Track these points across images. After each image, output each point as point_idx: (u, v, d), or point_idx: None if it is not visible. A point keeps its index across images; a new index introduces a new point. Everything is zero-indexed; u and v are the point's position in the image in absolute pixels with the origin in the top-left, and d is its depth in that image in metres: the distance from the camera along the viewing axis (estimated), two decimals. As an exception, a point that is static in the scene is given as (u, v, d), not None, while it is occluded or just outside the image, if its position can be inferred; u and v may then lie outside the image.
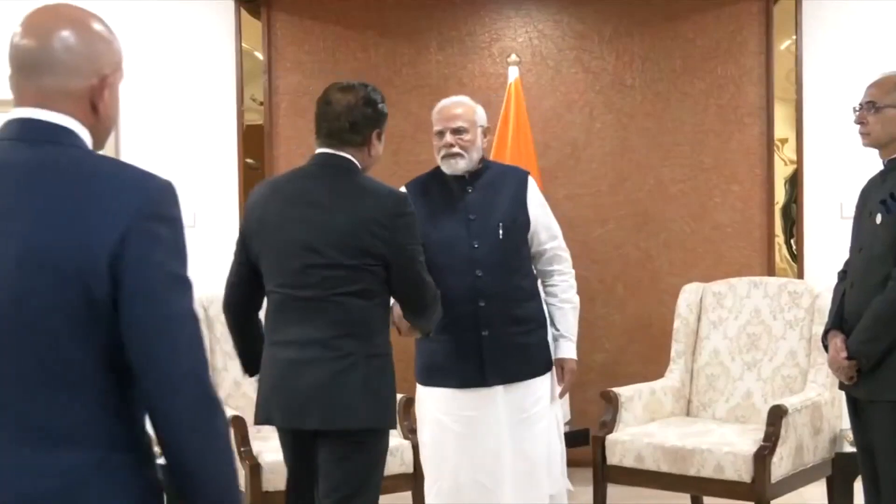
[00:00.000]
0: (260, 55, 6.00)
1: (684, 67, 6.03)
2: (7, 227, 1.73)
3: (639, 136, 6.06)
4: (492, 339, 3.91)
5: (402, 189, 3.83)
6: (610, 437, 4.70)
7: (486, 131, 4.09)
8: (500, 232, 3.94)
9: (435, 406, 4.00)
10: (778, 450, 4.35)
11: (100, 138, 1.88)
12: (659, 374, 5.15)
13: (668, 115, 6.04)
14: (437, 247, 3.87)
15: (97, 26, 1.86)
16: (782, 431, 4.37)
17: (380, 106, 3.38)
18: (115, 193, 1.74)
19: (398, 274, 3.28)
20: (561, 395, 4.13)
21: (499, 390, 3.94)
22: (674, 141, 6.04)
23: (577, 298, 4.15)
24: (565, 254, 4.13)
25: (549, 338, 4.10)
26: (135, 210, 1.73)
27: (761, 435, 4.40)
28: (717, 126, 6.02)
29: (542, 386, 4.04)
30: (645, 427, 4.78)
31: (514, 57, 5.73)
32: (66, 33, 1.81)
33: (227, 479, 1.83)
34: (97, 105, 1.84)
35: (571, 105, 6.09)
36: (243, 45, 5.98)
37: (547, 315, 4.10)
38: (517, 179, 4.07)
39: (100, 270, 1.71)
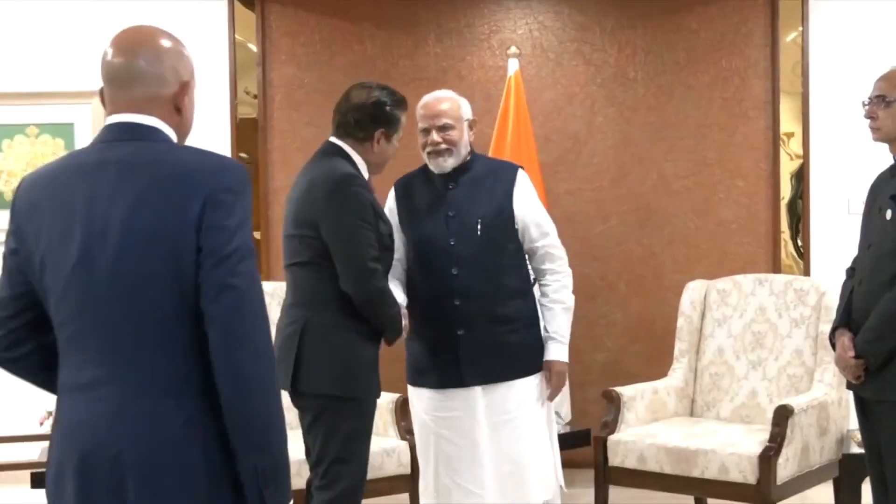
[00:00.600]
0: (254, 47, 6.03)
1: (688, 60, 6.06)
2: (112, 211, 2.11)
3: (641, 130, 6.10)
4: (469, 339, 3.92)
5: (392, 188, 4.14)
6: (612, 438, 4.72)
7: (472, 124, 4.08)
8: (479, 229, 3.94)
9: (420, 406, 4.06)
10: (784, 451, 4.37)
11: (183, 134, 2.28)
12: (662, 373, 5.18)
13: (672, 108, 6.08)
14: (416, 245, 4.00)
15: (172, 41, 2.26)
16: (788, 432, 4.38)
17: (388, 109, 3.70)
18: (198, 174, 2.13)
19: (331, 250, 3.57)
20: (549, 399, 4.09)
21: (478, 391, 3.95)
22: (677, 135, 6.08)
23: (570, 299, 4.11)
24: (558, 251, 4.10)
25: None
26: (213, 185, 2.11)
27: (767, 435, 4.41)
28: (722, 120, 6.05)
29: (529, 387, 4.01)
30: (647, 427, 4.80)
31: (513, 49, 5.75)
32: (148, 50, 2.22)
33: (278, 430, 2.14)
34: (180, 107, 2.25)
35: (572, 98, 6.12)
36: (237, 36, 6.01)
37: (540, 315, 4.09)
38: (505, 174, 4.06)
39: (189, 238, 2.09)
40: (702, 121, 6.06)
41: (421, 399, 4.05)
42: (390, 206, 4.09)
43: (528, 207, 4.05)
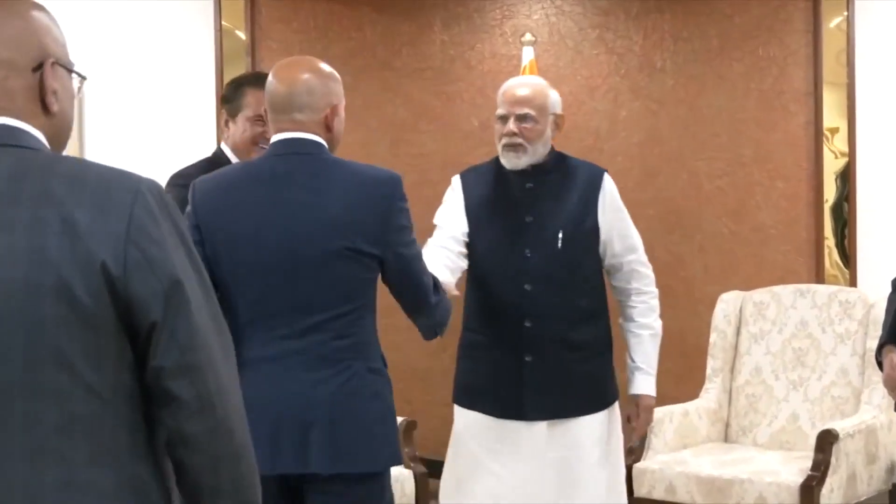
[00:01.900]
0: (242, 34, 6.02)
1: (721, 47, 6.04)
2: (300, 207, 2.92)
3: (670, 125, 6.08)
4: (537, 367, 3.78)
5: (456, 177, 4.01)
6: (638, 466, 4.71)
7: (560, 121, 3.91)
8: (560, 240, 3.80)
9: (468, 432, 3.91)
10: (828, 480, 4.36)
11: (332, 147, 3.05)
12: (693, 394, 5.16)
13: (703, 101, 6.06)
14: (484, 251, 3.84)
15: (325, 71, 3.03)
16: (833, 459, 4.37)
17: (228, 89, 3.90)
18: (381, 182, 3.00)
19: None
20: (637, 438, 3.96)
21: (541, 427, 3.79)
22: (710, 131, 6.06)
23: (658, 324, 4.00)
24: (645, 269, 3.99)
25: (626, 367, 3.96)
26: (389, 195, 2.97)
27: (809, 463, 4.41)
28: (759, 114, 6.03)
29: (597, 425, 3.86)
30: (677, 454, 4.79)
31: (528, 36, 5.75)
32: (306, 78, 3.00)
33: None
34: (330, 126, 3.02)
35: (594, 91, 6.11)
36: (223, 23, 6.00)
37: (612, 340, 3.95)
38: (589, 178, 3.92)
39: (375, 229, 2.94)
40: (736, 115, 6.04)
41: (470, 424, 3.90)
42: (454, 196, 3.94)
43: (616, 217, 3.93)
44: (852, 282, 5.88)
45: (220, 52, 6.00)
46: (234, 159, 3.70)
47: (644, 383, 3.93)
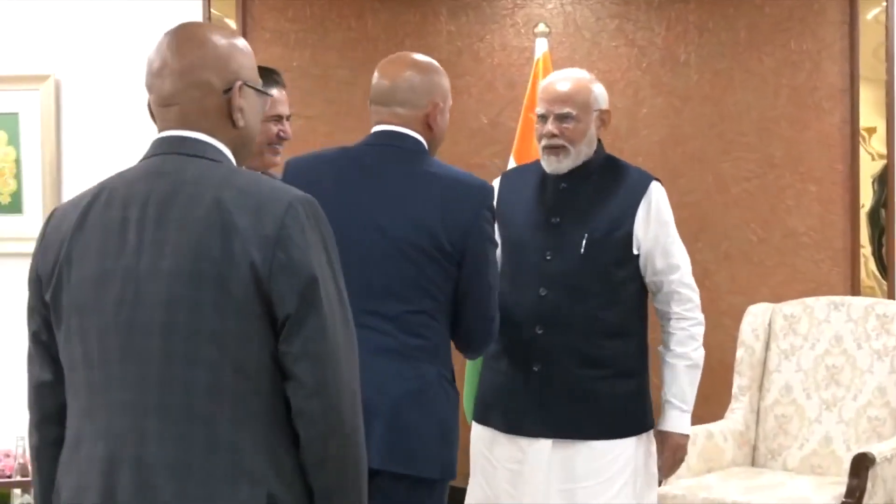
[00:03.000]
0: (233, 24, 6.03)
1: (750, 40, 6.05)
2: (384, 209, 3.19)
3: (694, 123, 6.09)
4: (543, 378, 3.76)
5: (497, 178, 4.03)
6: (658, 492, 4.71)
7: (605, 117, 3.91)
8: (584, 245, 3.77)
9: (486, 449, 3.92)
10: (863, 508, 4.37)
11: (433, 148, 3.35)
12: (718, 414, 5.16)
13: (730, 98, 6.06)
14: (507, 252, 3.85)
15: (432, 67, 3.33)
16: (869, 485, 4.37)
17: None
18: (473, 189, 3.25)
19: None
20: (662, 480, 3.88)
21: (545, 445, 3.77)
22: (737, 130, 6.06)
23: (698, 354, 3.95)
24: (688, 292, 3.93)
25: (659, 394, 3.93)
26: (479, 203, 3.21)
27: (843, 489, 4.41)
28: (790, 112, 6.04)
29: (616, 453, 3.79)
30: (701, 479, 4.79)
31: (542, 27, 5.75)
32: (408, 74, 3.31)
33: None
34: (431, 125, 3.30)
35: (612, 86, 6.11)
36: (213, 11, 6.01)
37: (650, 362, 3.94)
38: (634, 184, 3.88)
39: (454, 240, 3.16)
40: (766, 113, 6.04)
41: (486, 440, 3.93)
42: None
43: (656, 230, 3.87)
44: (890, 294, 5.88)
45: (209, 43, 6.00)
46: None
47: (673, 419, 3.90)
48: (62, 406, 2.35)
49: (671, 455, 3.91)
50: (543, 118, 3.84)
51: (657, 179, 3.96)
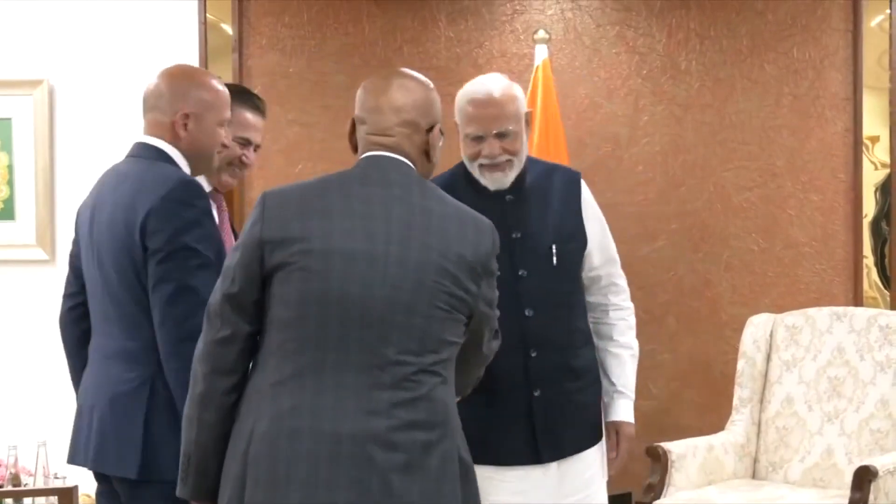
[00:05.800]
0: (229, 29, 6.03)
1: (752, 48, 6.06)
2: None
3: (695, 131, 6.09)
4: (545, 402, 3.68)
5: None
6: (657, 504, 4.72)
7: (530, 119, 3.80)
8: (555, 256, 3.71)
9: (482, 488, 3.56)
10: (866, 521, 4.37)
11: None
12: (718, 426, 5.16)
13: (732, 106, 6.07)
14: None
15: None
16: (871, 498, 4.38)
17: None
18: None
19: None
20: (613, 469, 3.87)
21: (553, 469, 3.71)
22: (739, 139, 6.07)
23: (636, 343, 3.94)
24: (623, 282, 3.93)
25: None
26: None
27: (845, 502, 4.41)
28: (793, 121, 6.04)
29: (596, 457, 3.83)
30: (701, 492, 4.79)
31: (541, 33, 5.75)
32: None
33: None
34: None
35: (612, 93, 6.12)
36: (208, 16, 6.01)
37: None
38: (567, 182, 3.84)
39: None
40: (768, 122, 6.05)
41: (480, 480, 3.53)
42: None
43: (598, 226, 3.86)
44: (893, 304, 5.89)
45: (204, 48, 6.01)
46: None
47: (626, 409, 3.87)
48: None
49: (626, 444, 3.87)
50: (479, 139, 3.71)
51: (579, 172, 3.92)
